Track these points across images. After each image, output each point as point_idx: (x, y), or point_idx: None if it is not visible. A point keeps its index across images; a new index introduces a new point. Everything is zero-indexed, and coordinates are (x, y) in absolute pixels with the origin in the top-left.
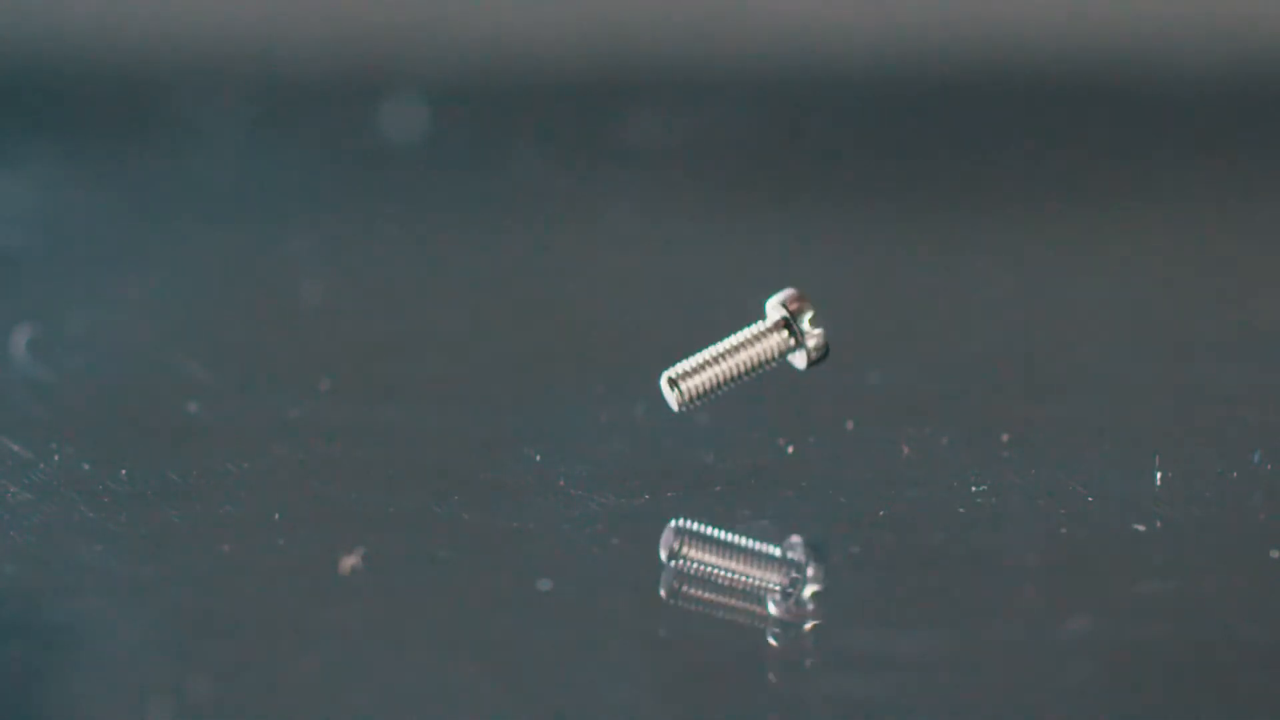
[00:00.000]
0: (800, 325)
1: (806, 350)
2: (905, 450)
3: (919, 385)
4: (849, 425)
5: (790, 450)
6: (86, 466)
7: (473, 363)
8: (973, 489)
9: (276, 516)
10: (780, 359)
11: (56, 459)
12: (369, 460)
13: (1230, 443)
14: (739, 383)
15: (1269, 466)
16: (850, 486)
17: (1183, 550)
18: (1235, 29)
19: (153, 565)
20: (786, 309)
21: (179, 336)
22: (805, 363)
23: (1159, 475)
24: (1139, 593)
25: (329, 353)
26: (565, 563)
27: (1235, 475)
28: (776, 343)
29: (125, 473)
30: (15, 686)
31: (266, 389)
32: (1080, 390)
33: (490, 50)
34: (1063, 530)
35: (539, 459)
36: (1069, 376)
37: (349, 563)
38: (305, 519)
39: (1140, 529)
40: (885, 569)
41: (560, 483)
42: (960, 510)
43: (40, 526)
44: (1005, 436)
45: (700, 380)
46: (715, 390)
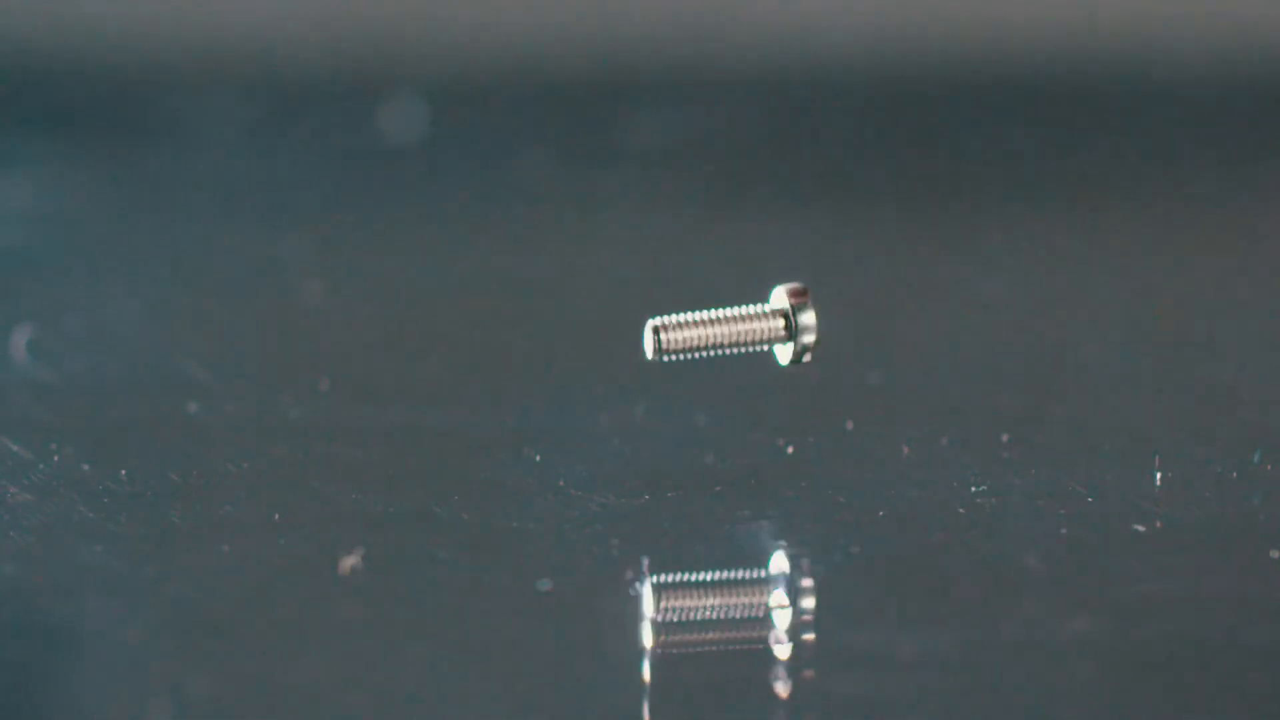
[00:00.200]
0: (798, 320)
1: (795, 345)
2: (905, 450)
3: (919, 385)
4: (849, 425)
5: (790, 450)
6: (86, 467)
7: (473, 363)
8: (973, 489)
9: (276, 516)
10: (767, 345)
11: (56, 459)
12: (369, 460)
13: (1230, 443)
14: (721, 353)
15: (1269, 466)
16: (850, 486)
17: (1183, 550)
18: (1235, 29)
19: (153, 565)
20: (789, 300)
21: (179, 336)
22: (789, 358)
23: (1159, 475)
24: (1139, 593)
25: (329, 353)
26: (565, 563)
27: (1235, 475)
28: (769, 328)
29: (125, 473)
30: (15, 686)
31: (266, 389)
32: (1080, 390)
33: (490, 50)
34: (1063, 530)
35: (539, 459)
36: (1069, 376)
37: (349, 563)
38: (305, 519)
39: (1140, 529)
40: (885, 569)
41: (560, 483)
42: (960, 510)
43: (40, 526)
44: (1005, 436)
45: (682, 335)
46: (694, 351)
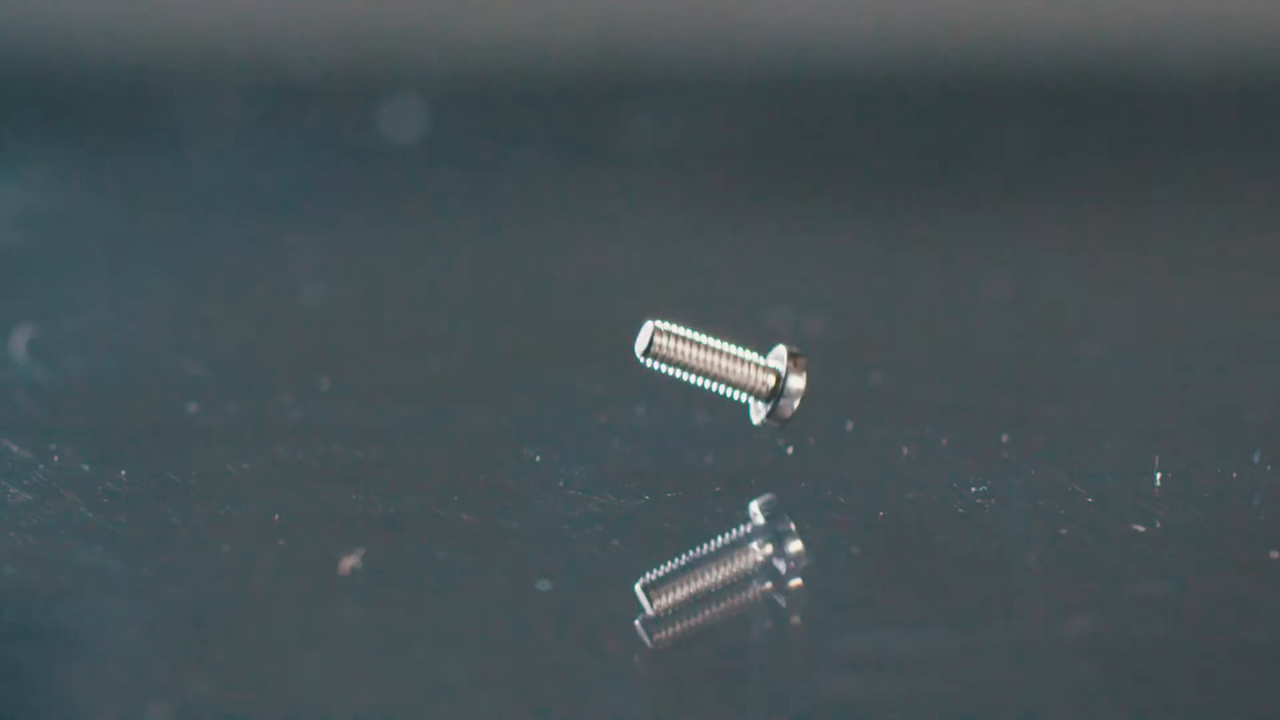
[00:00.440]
0: (785, 385)
1: (774, 409)
2: (905, 450)
3: (919, 385)
4: (849, 425)
5: (790, 450)
6: (86, 467)
7: (473, 363)
8: (973, 489)
9: (276, 517)
10: (748, 395)
11: (56, 459)
12: (369, 460)
13: (1230, 443)
14: (702, 382)
15: (1269, 466)
16: (850, 486)
17: (1183, 550)
18: (1235, 29)
19: (153, 565)
20: (785, 364)
21: (179, 336)
22: (760, 417)
23: (1159, 475)
24: (1139, 593)
25: (329, 353)
26: (565, 563)
27: (1235, 475)
28: (758, 379)
29: (125, 473)
30: (15, 686)
31: (266, 389)
32: (1080, 390)
33: (490, 50)
34: (1063, 530)
35: (539, 459)
36: (1069, 376)
37: (349, 563)
38: (305, 519)
39: (1140, 529)
40: (885, 569)
41: (560, 483)
42: (960, 510)
43: (40, 526)
44: (1005, 436)
45: (676, 346)
46: (680, 366)
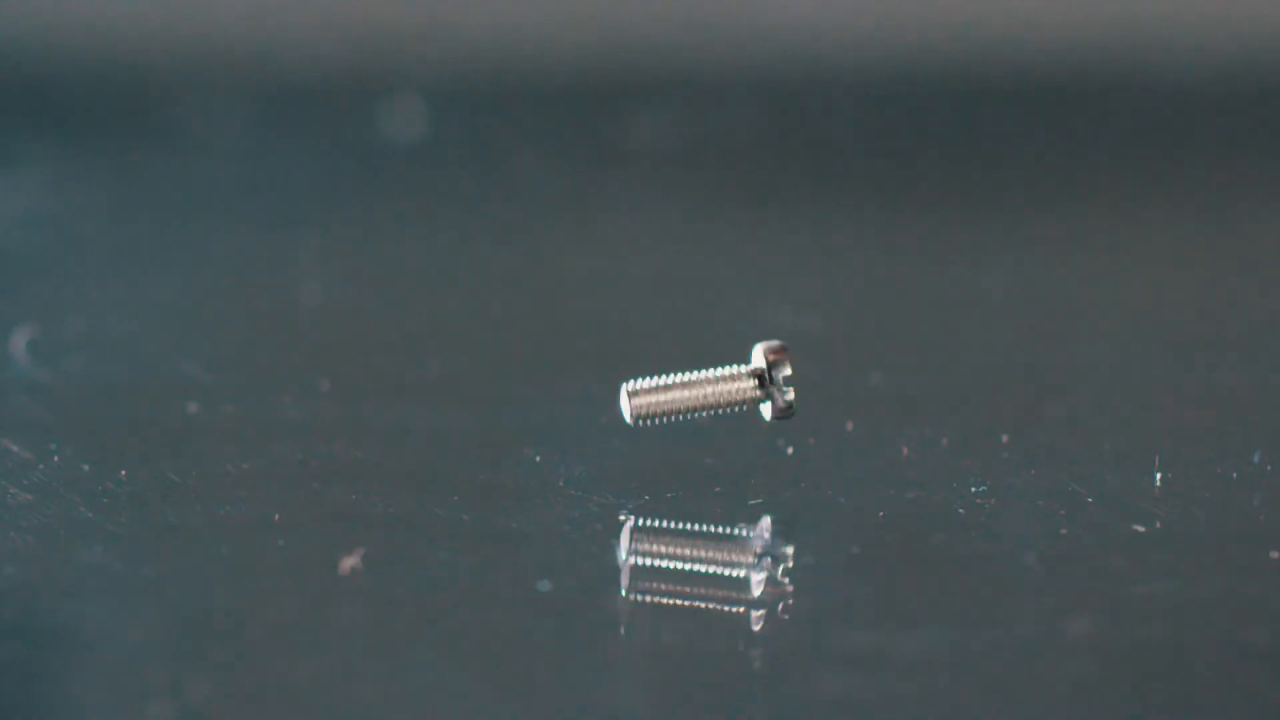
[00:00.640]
0: (774, 378)
1: (774, 407)
2: (905, 450)
3: (919, 385)
4: (849, 425)
5: (790, 450)
6: (86, 467)
7: (473, 363)
8: (973, 489)
9: (276, 517)
10: (746, 406)
11: (56, 459)
12: (369, 460)
13: (1230, 443)
14: (701, 415)
15: (1269, 466)
16: (850, 486)
17: (1183, 550)
18: (1235, 29)
19: (153, 565)
20: (765, 361)
21: (179, 336)
22: (770, 415)
23: (1159, 475)
24: (1139, 593)
25: (329, 353)
26: (565, 563)
27: (1235, 475)
28: (744, 390)
29: (125, 473)
30: (15, 686)
31: (266, 389)
32: (1080, 390)
33: (490, 50)
34: (1063, 530)
35: (539, 459)
36: (1069, 376)
37: (349, 563)
38: (305, 519)
39: (1140, 529)
40: (885, 569)
41: (560, 483)
42: (960, 510)
43: (40, 526)
44: (1005, 437)
45: (655, 400)
46: (672, 415)
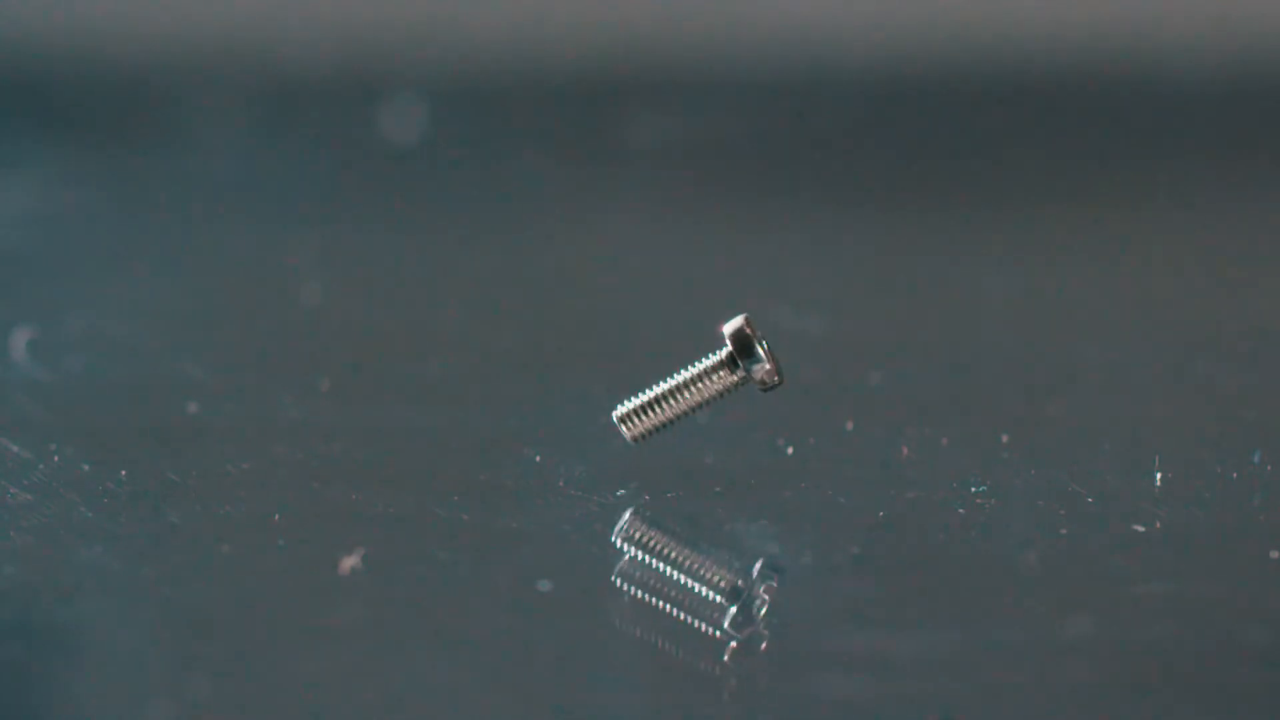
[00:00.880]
0: (744, 359)
1: (758, 382)
2: (905, 450)
3: (919, 385)
4: (849, 425)
5: (790, 450)
6: (86, 467)
7: (473, 363)
8: (973, 489)
9: (276, 517)
10: (734, 390)
11: (56, 459)
12: (369, 460)
13: (1230, 443)
14: (693, 415)
15: (1269, 466)
16: (850, 486)
17: (1183, 550)
18: (1235, 29)
19: (153, 565)
20: (730, 345)
21: (179, 336)
22: (760, 385)
23: (1159, 475)
24: (1139, 593)
25: (329, 353)
26: (565, 563)
27: (1235, 475)
28: (725, 379)
29: (125, 473)
30: (15, 686)
31: (266, 389)
32: (1080, 390)
33: (490, 50)
34: (1063, 530)
35: (539, 459)
36: (1069, 376)
37: (349, 563)
38: (305, 519)
39: (1140, 529)
40: (885, 569)
41: (560, 483)
42: (960, 510)
43: (40, 526)
44: (1005, 437)
45: (646, 420)
46: (666, 425)
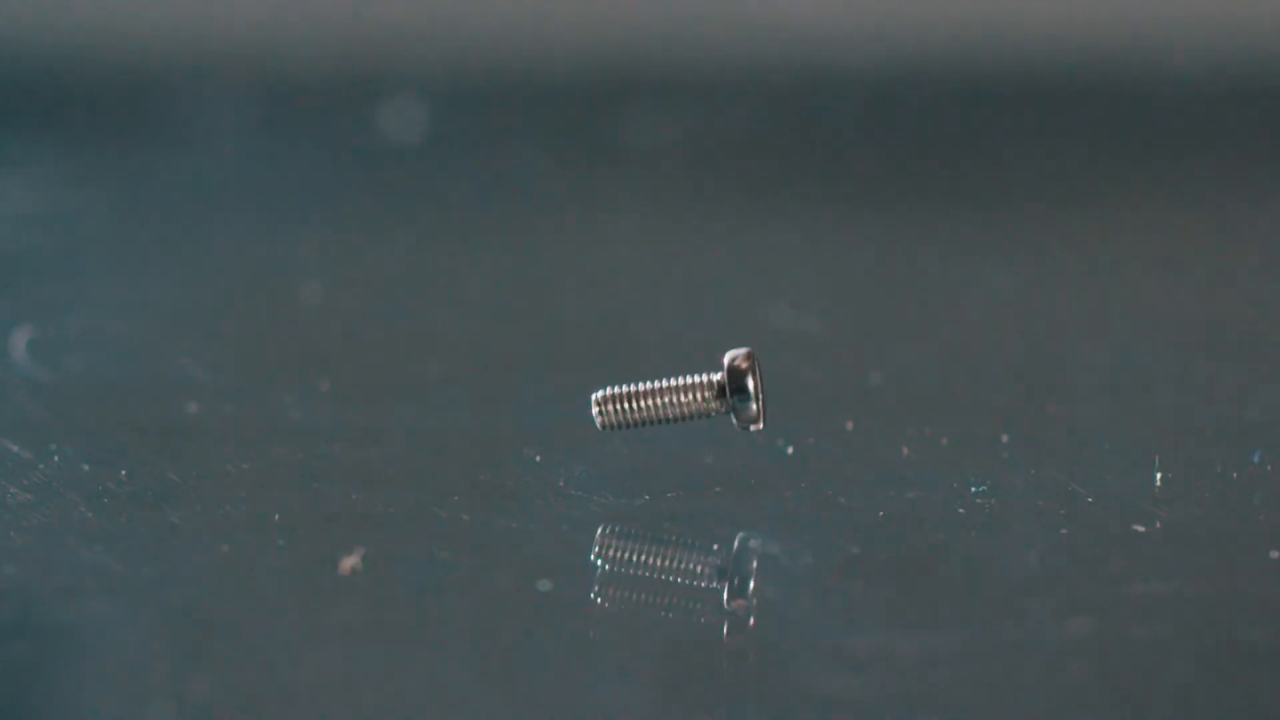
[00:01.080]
0: (735, 393)
1: (739, 418)
2: (905, 450)
3: (919, 385)
4: (849, 425)
5: (790, 450)
6: (86, 467)
7: (473, 363)
8: (973, 489)
9: (276, 517)
10: (715, 415)
11: (56, 459)
12: (369, 460)
13: (1230, 443)
14: (669, 424)
15: (1269, 466)
16: (850, 486)
17: (1183, 550)
18: (1235, 29)
19: (153, 565)
20: (726, 375)
21: (179, 336)
22: (739, 425)
23: (1159, 475)
24: (1139, 593)
25: (329, 353)
26: (565, 563)
27: (1235, 475)
28: (707, 402)
29: (125, 473)
30: (15, 686)
31: (266, 389)
32: (1080, 390)
33: (490, 50)
34: (1063, 530)
35: (539, 459)
36: (1069, 376)
37: (349, 563)
38: (305, 519)
39: (1140, 529)
40: (885, 569)
41: (560, 483)
42: (960, 510)
43: (40, 526)
44: (1005, 437)
45: (620, 409)
46: (639, 425)
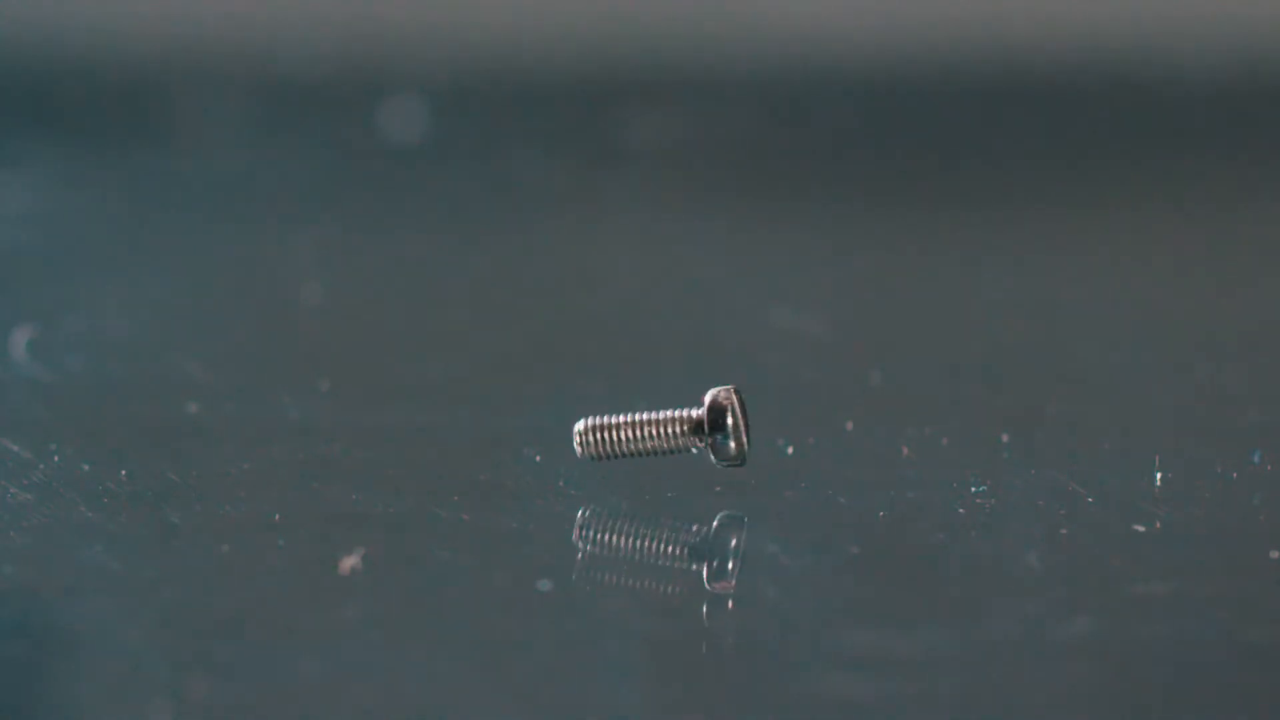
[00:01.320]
0: (713, 431)
1: (718, 455)
2: (905, 450)
3: (919, 385)
4: (849, 425)
5: (790, 450)
6: (86, 467)
7: (473, 363)
8: (973, 489)
9: (276, 517)
10: (696, 449)
11: (56, 459)
12: (369, 460)
13: (1230, 443)
14: (646, 454)
15: (1269, 466)
16: (850, 486)
17: (1183, 550)
18: (1235, 29)
19: (153, 565)
20: (708, 416)
21: (179, 336)
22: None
23: (1159, 475)
24: (1139, 593)
25: (329, 353)
26: (565, 563)
27: (1235, 475)
28: (686, 439)
29: (125, 473)
30: (15, 686)
31: (266, 389)
32: (1080, 390)
33: (490, 50)
34: (1063, 530)
35: (539, 459)
36: (1069, 376)
37: (349, 563)
38: (305, 519)
39: (1140, 529)
40: (885, 569)
41: (560, 483)
42: (960, 510)
43: (40, 526)
44: (1005, 437)
45: (600, 440)
46: (618, 457)
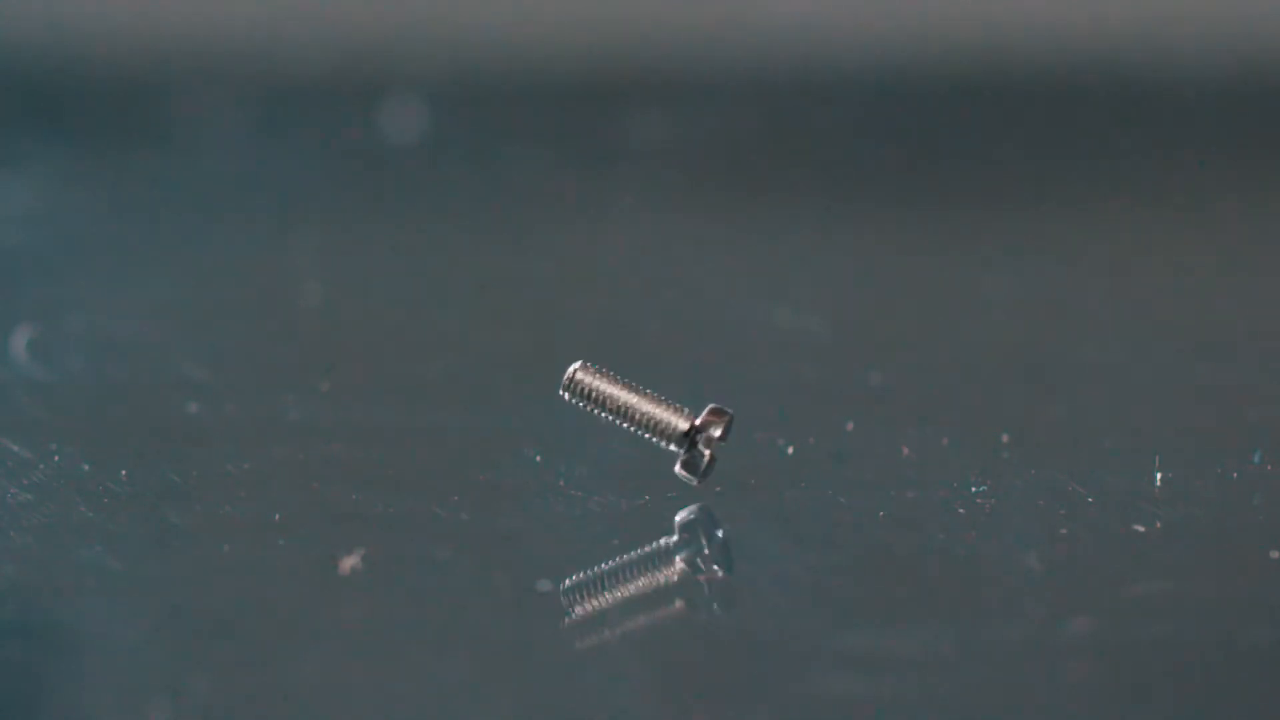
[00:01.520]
0: (698, 439)
1: (685, 462)
2: (905, 450)
3: (919, 385)
4: (849, 425)
5: (790, 450)
6: (86, 467)
7: (473, 363)
8: (973, 489)
9: (276, 517)
10: (666, 441)
11: (56, 459)
12: (369, 461)
13: (1230, 443)
14: (621, 422)
15: (1269, 466)
16: (850, 486)
17: (1183, 550)
18: (1235, 29)
19: (153, 565)
20: (698, 431)
21: (179, 336)
22: (678, 468)
23: (1159, 475)
24: (1138, 593)
25: (329, 353)
26: (565, 563)
27: (1235, 475)
28: (671, 431)
29: (125, 473)
30: (15, 686)
31: (266, 389)
32: (1080, 390)
33: (490, 50)
34: (1063, 530)
35: (539, 459)
36: (1069, 376)
37: (349, 563)
38: (305, 519)
39: (1140, 529)
40: (885, 569)
41: (560, 483)
42: (960, 510)
43: (40, 526)
44: (1005, 437)
45: (590, 388)
46: (594, 404)
